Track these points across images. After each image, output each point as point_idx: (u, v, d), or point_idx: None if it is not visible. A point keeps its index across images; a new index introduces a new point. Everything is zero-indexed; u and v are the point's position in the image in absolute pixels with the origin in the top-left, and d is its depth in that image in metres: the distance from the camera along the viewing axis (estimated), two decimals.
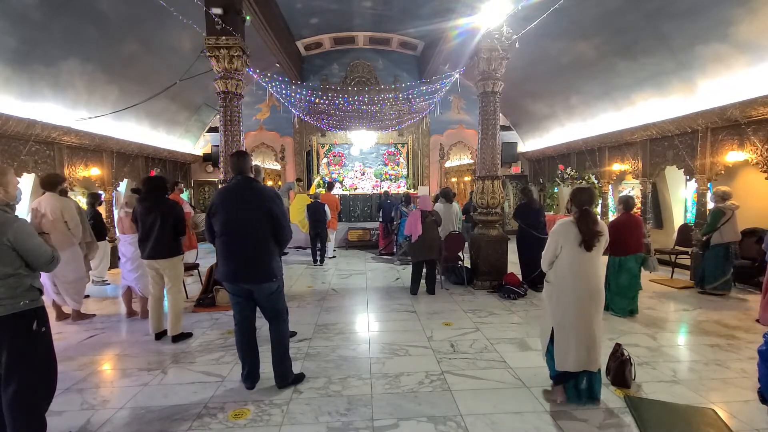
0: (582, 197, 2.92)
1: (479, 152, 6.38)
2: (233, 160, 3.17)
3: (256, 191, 3.06)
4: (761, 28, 5.06)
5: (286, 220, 3.14)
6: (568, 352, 2.87)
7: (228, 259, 3.04)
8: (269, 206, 3.01)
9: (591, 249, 2.82)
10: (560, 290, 2.91)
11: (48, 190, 4.63)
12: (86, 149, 7.40)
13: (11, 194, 2.37)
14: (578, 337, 2.85)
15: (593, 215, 2.88)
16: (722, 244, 5.55)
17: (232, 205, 3.03)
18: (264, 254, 3.04)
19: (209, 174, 12.07)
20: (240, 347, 3.21)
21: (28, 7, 5.16)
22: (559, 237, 2.90)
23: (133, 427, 2.74)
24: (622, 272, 4.90)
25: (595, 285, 2.89)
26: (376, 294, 6.07)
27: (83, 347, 4.12)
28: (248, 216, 3.00)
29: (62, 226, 4.60)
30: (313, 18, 9.84)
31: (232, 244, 3.02)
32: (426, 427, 2.70)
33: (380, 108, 11.29)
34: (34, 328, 2.29)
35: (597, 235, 2.82)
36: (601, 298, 2.94)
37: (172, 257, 4.19)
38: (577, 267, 2.86)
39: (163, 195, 4.22)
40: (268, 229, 3.04)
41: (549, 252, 2.96)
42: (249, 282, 3.04)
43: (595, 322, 2.88)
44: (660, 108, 7.11)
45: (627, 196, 5.09)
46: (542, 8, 5.36)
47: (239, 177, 3.11)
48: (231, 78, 5.67)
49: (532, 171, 12.43)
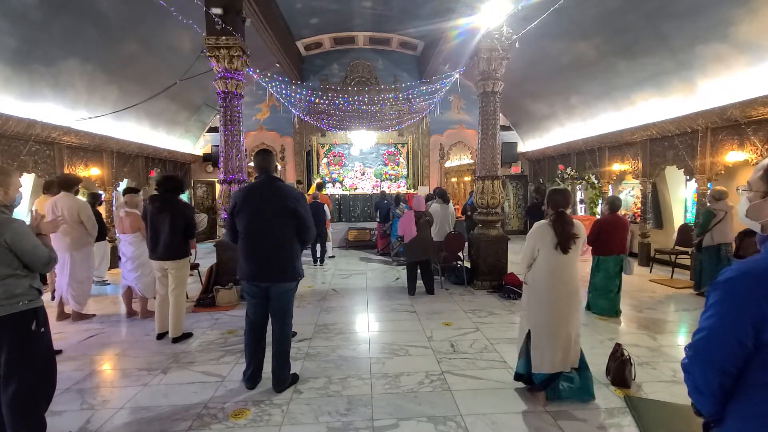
0: (557, 199, 2.92)
1: (479, 152, 6.38)
2: (258, 158, 3.15)
3: (280, 191, 3.05)
4: (761, 28, 5.06)
5: (311, 221, 3.14)
6: (544, 354, 2.89)
7: (251, 258, 3.04)
8: (294, 206, 3.01)
9: (567, 251, 2.82)
10: (537, 292, 2.92)
11: (65, 191, 4.76)
12: (86, 149, 7.40)
13: (11, 196, 2.37)
14: (553, 338, 2.87)
15: (568, 217, 2.88)
16: (713, 246, 5.52)
17: (256, 205, 3.02)
18: (289, 254, 3.05)
19: (209, 174, 12.07)
20: (249, 347, 3.19)
21: (28, 7, 5.16)
22: (536, 239, 2.90)
23: (133, 427, 2.74)
24: (599, 272, 4.91)
25: (572, 287, 2.90)
26: (376, 294, 6.07)
27: (83, 347, 4.12)
28: (273, 215, 2.99)
29: (79, 226, 4.74)
30: (313, 18, 9.84)
31: (257, 243, 3.02)
32: (426, 427, 2.70)
33: (380, 108, 11.29)
34: (33, 328, 2.29)
35: (572, 237, 2.82)
36: (578, 299, 2.97)
37: (181, 259, 4.20)
38: (553, 269, 2.87)
39: (176, 196, 4.24)
40: (293, 229, 3.05)
41: (526, 255, 2.96)
42: (271, 280, 3.03)
43: (572, 323, 2.90)
44: (660, 108, 7.11)
45: (614, 197, 5.09)
46: (542, 8, 5.35)
47: (263, 176, 3.10)
48: (231, 78, 5.66)
49: (532, 171, 12.43)
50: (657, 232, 8.12)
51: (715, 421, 1.16)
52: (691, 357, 1.15)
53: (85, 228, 4.80)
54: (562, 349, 2.88)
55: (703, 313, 1.13)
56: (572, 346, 2.91)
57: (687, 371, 1.16)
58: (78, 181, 4.99)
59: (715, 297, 1.10)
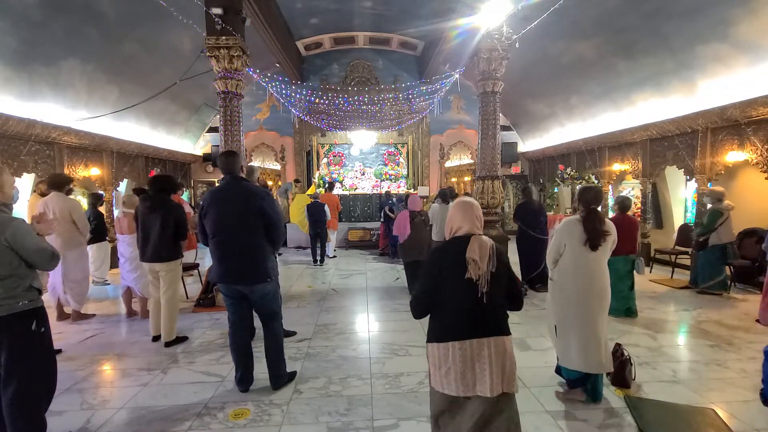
0: (589, 196, 2.92)
1: (479, 152, 6.38)
2: (221, 159, 3.14)
3: (245, 190, 3.03)
4: (761, 28, 5.06)
5: (278, 219, 3.09)
6: (570, 350, 2.88)
7: (221, 260, 3.02)
8: (260, 204, 2.98)
9: (596, 248, 2.81)
10: (562, 288, 2.91)
11: (55, 190, 4.65)
12: (86, 149, 7.40)
13: (8, 194, 2.36)
14: (580, 336, 2.85)
15: (600, 214, 2.88)
16: (719, 244, 5.58)
17: (222, 206, 3.00)
18: (257, 254, 3.01)
19: (209, 174, 12.07)
20: (234, 349, 3.18)
21: (28, 7, 5.15)
22: (563, 236, 2.90)
23: (133, 427, 2.74)
24: (610, 272, 4.88)
25: (600, 285, 2.88)
26: (376, 294, 6.07)
27: (83, 347, 4.12)
28: (239, 216, 2.96)
29: (70, 226, 4.65)
30: (313, 18, 9.84)
31: (225, 244, 3.00)
32: (426, 427, 2.69)
33: (380, 108, 11.29)
34: (33, 328, 2.28)
35: (604, 234, 2.81)
36: (607, 297, 2.93)
37: (171, 261, 4.11)
38: (580, 266, 2.85)
39: (167, 196, 4.15)
40: (261, 229, 3.01)
41: (552, 250, 2.96)
42: (243, 282, 3.01)
43: (599, 322, 2.87)
44: (660, 108, 7.11)
45: (624, 197, 5.08)
46: (542, 8, 5.35)
47: (228, 177, 3.08)
48: (231, 78, 5.66)
49: (532, 171, 12.43)
50: (657, 232, 8.12)
51: None
52: None
53: (77, 228, 4.70)
54: (594, 350, 2.82)
55: None
56: (603, 349, 2.85)
57: None
58: (69, 180, 4.86)
59: None
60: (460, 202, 2.09)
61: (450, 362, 1.91)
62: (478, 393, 1.88)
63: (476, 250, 1.89)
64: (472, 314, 1.92)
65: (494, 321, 1.94)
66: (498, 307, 1.96)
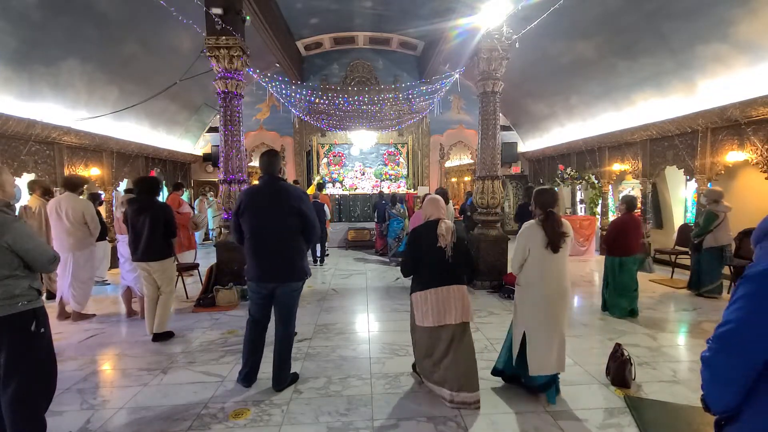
0: (545, 199, 2.92)
1: (479, 152, 6.38)
2: (264, 159, 3.15)
3: (285, 191, 3.06)
4: (761, 28, 5.06)
5: (315, 219, 3.15)
6: (543, 356, 2.88)
7: (257, 259, 3.05)
8: (298, 205, 3.03)
9: (558, 250, 2.84)
10: (530, 293, 2.93)
11: (70, 191, 4.78)
12: (86, 149, 7.40)
13: (9, 193, 2.36)
14: (551, 338, 2.89)
15: (557, 217, 2.90)
16: (716, 247, 5.52)
17: (259, 206, 3.03)
18: (294, 254, 3.07)
19: (209, 174, 12.07)
20: (247, 346, 3.20)
21: (28, 7, 5.16)
22: (527, 240, 2.91)
23: (133, 427, 2.74)
24: (624, 272, 4.88)
25: (563, 285, 2.92)
26: (376, 294, 6.07)
27: (83, 347, 4.12)
28: (277, 216, 3.00)
29: (83, 226, 4.77)
30: (313, 18, 9.84)
31: (262, 244, 3.03)
32: (426, 427, 2.69)
33: (380, 108, 11.29)
34: (32, 328, 2.28)
35: (562, 236, 2.84)
36: (569, 297, 3.00)
37: (163, 260, 4.20)
38: (546, 269, 2.88)
39: (154, 197, 4.24)
40: (298, 229, 3.06)
41: (518, 255, 2.97)
42: (278, 281, 3.04)
43: (563, 323, 2.94)
44: (660, 108, 7.11)
45: (630, 197, 5.07)
46: (542, 8, 5.36)
47: (267, 177, 3.11)
48: (231, 78, 5.67)
49: (532, 171, 12.43)
50: (657, 232, 8.12)
51: (728, 418, 1.15)
52: (715, 349, 1.12)
53: (89, 229, 4.82)
54: (557, 350, 2.90)
55: (729, 305, 1.11)
56: (563, 347, 2.94)
57: (709, 364, 1.14)
58: (84, 182, 5.03)
59: (746, 289, 1.08)
60: (430, 199, 3.12)
61: (429, 303, 2.89)
62: (447, 322, 2.86)
63: (443, 228, 2.89)
64: (442, 271, 2.89)
65: (456, 275, 2.93)
66: (458, 266, 2.93)
